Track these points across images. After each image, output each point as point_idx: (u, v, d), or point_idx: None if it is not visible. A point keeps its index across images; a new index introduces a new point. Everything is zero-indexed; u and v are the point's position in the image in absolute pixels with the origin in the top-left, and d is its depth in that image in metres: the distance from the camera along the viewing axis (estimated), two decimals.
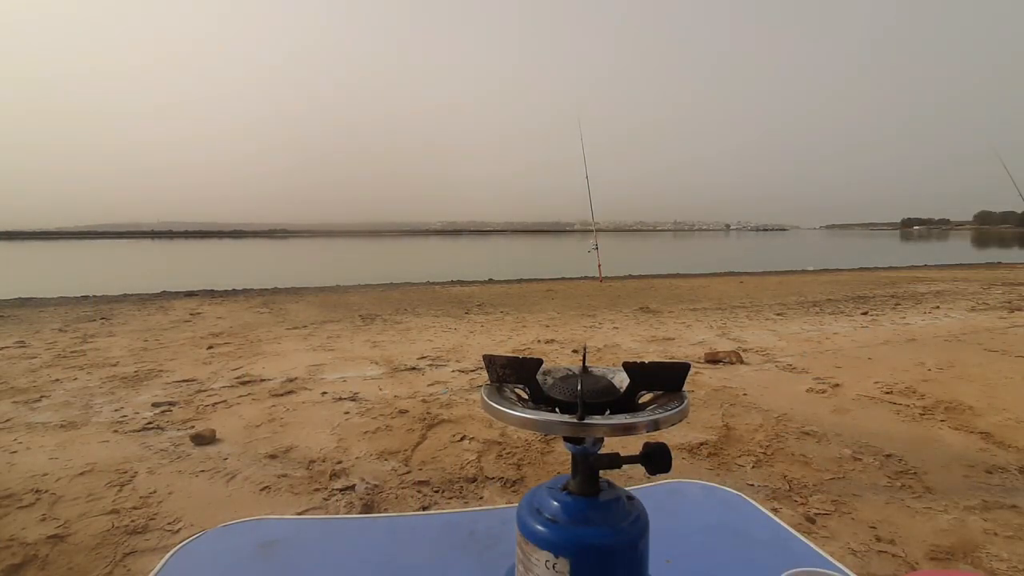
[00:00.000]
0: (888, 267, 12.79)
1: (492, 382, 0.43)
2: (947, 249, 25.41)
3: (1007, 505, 1.76)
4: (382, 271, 12.26)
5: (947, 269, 11.81)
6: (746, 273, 11.50)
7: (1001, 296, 6.65)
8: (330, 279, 10.28)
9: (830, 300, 6.67)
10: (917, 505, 1.78)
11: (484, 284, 9.78)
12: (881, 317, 5.28)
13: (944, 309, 5.71)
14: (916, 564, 1.48)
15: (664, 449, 0.40)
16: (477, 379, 3.22)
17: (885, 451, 2.16)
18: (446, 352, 3.95)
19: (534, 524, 0.39)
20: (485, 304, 6.69)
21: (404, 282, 10.01)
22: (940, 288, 7.75)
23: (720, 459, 2.13)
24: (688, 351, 3.92)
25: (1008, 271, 10.77)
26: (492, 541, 0.61)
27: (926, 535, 1.62)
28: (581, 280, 9.84)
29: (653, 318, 5.46)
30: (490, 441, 2.29)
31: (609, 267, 9.95)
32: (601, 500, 0.40)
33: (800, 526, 1.65)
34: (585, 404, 0.37)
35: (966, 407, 2.63)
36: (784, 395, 2.88)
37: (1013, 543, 1.56)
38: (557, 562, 0.38)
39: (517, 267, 14.15)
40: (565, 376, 0.44)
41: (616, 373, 0.44)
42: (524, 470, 2.05)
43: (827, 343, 4.13)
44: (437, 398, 2.86)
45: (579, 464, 0.42)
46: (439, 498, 1.85)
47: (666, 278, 10.45)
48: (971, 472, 2.00)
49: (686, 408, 0.38)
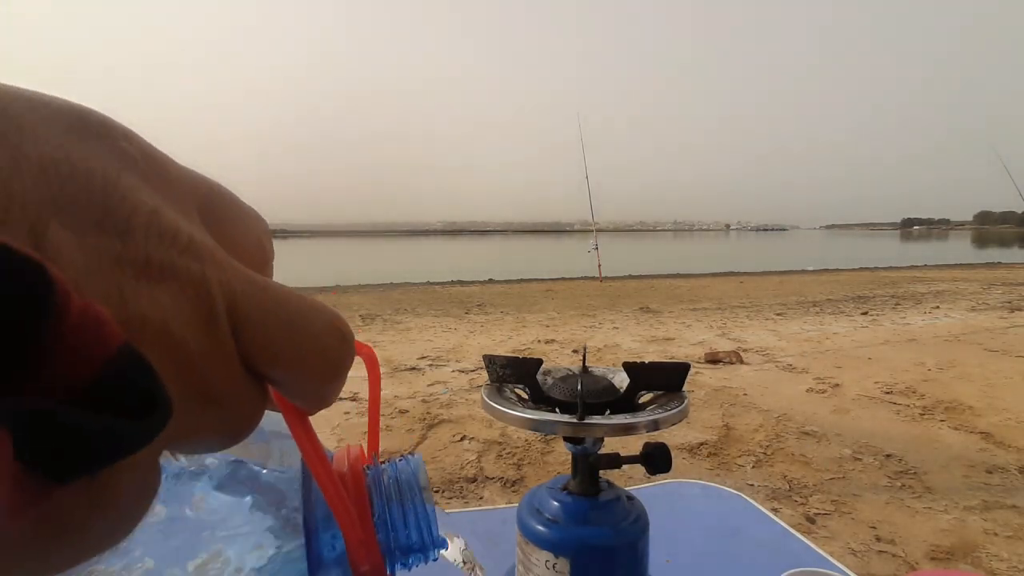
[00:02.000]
0: (888, 267, 12.79)
1: (492, 382, 0.43)
2: (947, 249, 25.44)
3: (1007, 505, 1.76)
4: (382, 271, 12.27)
5: (947, 269, 11.81)
6: (746, 273, 11.50)
7: (1001, 296, 6.65)
8: (330, 279, 10.28)
9: (830, 300, 6.67)
10: (917, 505, 1.78)
11: (484, 284, 9.78)
12: (881, 317, 5.28)
13: (944, 309, 5.71)
14: (916, 564, 1.49)
15: (664, 449, 0.40)
16: (477, 379, 3.22)
17: (885, 451, 2.16)
18: (446, 352, 3.95)
19: (534, 524, 0.39)
20: (485, 304, 6.69)
21: (404, 282, 10.01)
22: (940, 288, 7.75)
23: (720, 459, 2.13)
24: (688, 351, 3.92)
25: (1008, 271, 10.77)
26: (492, 541, 0.61)
27: (926, 535, 1.62)
28: (581, 280, 9.83)
29: (653, 318, 5.46)
30: (490, 441, 2.29)
31: (609, 267, 9.95)
32: (601, 500, 0.40)
33: (800, 526, 1.65)
34: (585, 404, 0.37)
35: (966, 407, 2.63)
36: (784, 395, 2.88)
37: (1013, 543, 1.56)
38: (557, 562, 0.38)
39: (517, 267, 14.15)
40: (565, 376, 0.44)
41: (616, 373, 0.44)
42: (524, 470, 2.05)
43: (827, 343, 4.13)
44: (437, 398, 2.86)
45: (579, 464, 0.42)
46: (439, 498, 1.85)
47: (666, 278, 10.45)
48: (971, 472, 2.00)
49: (686, 408, 0.38)
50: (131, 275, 0.09)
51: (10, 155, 0.09)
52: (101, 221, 0.09)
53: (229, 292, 0.11)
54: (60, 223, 0.09)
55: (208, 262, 0.11)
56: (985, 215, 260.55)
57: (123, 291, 0.09)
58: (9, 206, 0.08)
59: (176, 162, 0.12)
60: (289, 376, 0.12)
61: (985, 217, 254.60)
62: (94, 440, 0.08)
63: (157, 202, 0.10)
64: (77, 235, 0.09)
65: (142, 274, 0.10)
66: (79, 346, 0.08)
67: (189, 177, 0.12)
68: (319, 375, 0.13)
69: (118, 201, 0.10)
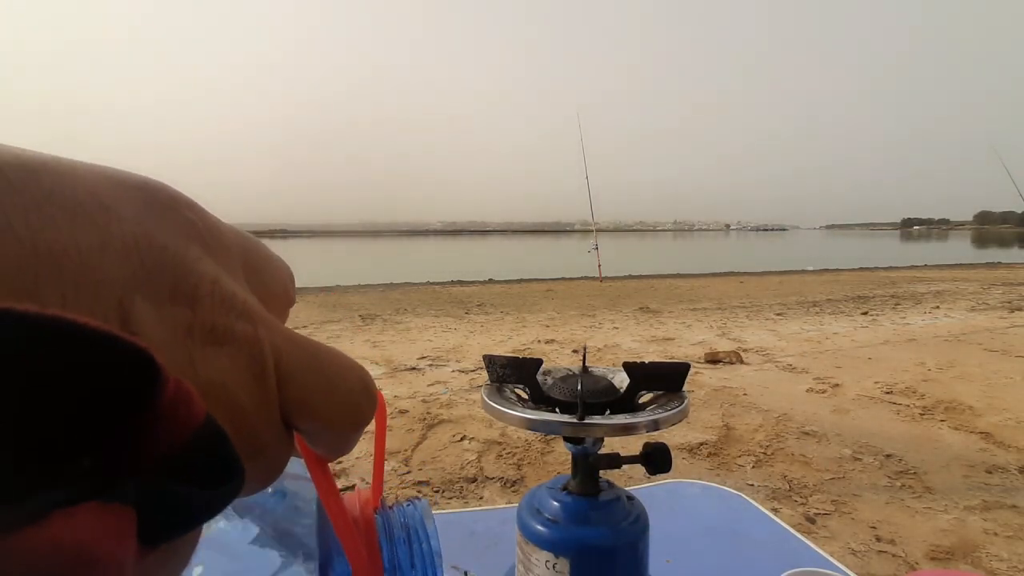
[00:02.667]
0: (888, 267, 12.79)
1: (492, 382, 0.43)
2: (947, 249, 25.43)
3: (1007, 505, 1.76)
4: (382, 271, 12.26)
5: (947, 269, 11.81)
6: (746, 273, 11.50)
7: (1001, 296, 6.65)
8: (330, 279, 10.28)
9: (830, 300, 6.67)
10: (917, 505, 1.78)
11: (484, 284, 9.78)
12: (881, 317, 5.29)
13: (944, 309, 5.71)
14: (916, 564, 1.49)
15: (664, 449, 0.40)
16: (477, 379, 3.22)
17: (885, 451, 2.16)
18: (446, 352, 3.95)
19: (534, 524, 0.39)
20: (485, 304, 6.69)
21: (404, 282, 10.00)
22: (940, 288, 7.75)
23: (720, 459, 2.13)
24: (688, 351, 3.92)
25: (1008, 271, 10.77)
26: (492, 541, 0.61)
27: (926, 535, 1.62)
28: (581, 280, 9.83)
29: (653, 318, 5.46)
30: (490, 441, 2.29)
31: (609, 267, 9.95)
32: (601, 500, 0.40)
33: (800, 526, 1.65)
34: (585, 404, 0.37)
35: (966, 407, 2.63)
36: (784, 395, 2.88)
37: (1013, 543, 1.56)
38: (557, 562, 0.38)
39: (517, 267, 14.14)
40: (565, 376, 0.44)
41: (616, 373, 0.44)
42: (524, 470, 2.05)
43: (827, 343, 4.13)
44: (437, 398, 2.86)
45: (579, 464, 0.42)
46: (439, 498, 1.85)
47: (666, 278, 10.45)
48: (971, 472, 2.00)
49: (686, 408, 0.38)
50: (200, 342, 0.10)
51: (99, 236, 0.10)
52: (174, 293, 0.10)
53: (276, 350, 0.12)
54: (142, 297, 0.10)
55: (260, 323, 0.12)
56: (985, 215, 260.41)
57: (193, 357, 0.10)
58: (101, 282, 0.09)
59: (223, 223, 0.13)
60: (319, 427, 0.13)
61: (985, 217, 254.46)
62: (195, 508, 0.09)
63: (217, 270, 0.11)
64: (156, 307, 0.10)
65: (208, 340, 0.11)
66: (174, 422, 0.09)
67: (234, 237, 0.13)
68: (347, 427, 0.14)
69: (186, 273, 0.11)
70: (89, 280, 0.09)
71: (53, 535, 0.07)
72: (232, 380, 0.11)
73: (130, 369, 0.08)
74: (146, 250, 0.10)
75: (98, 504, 0.07)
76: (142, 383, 0.08)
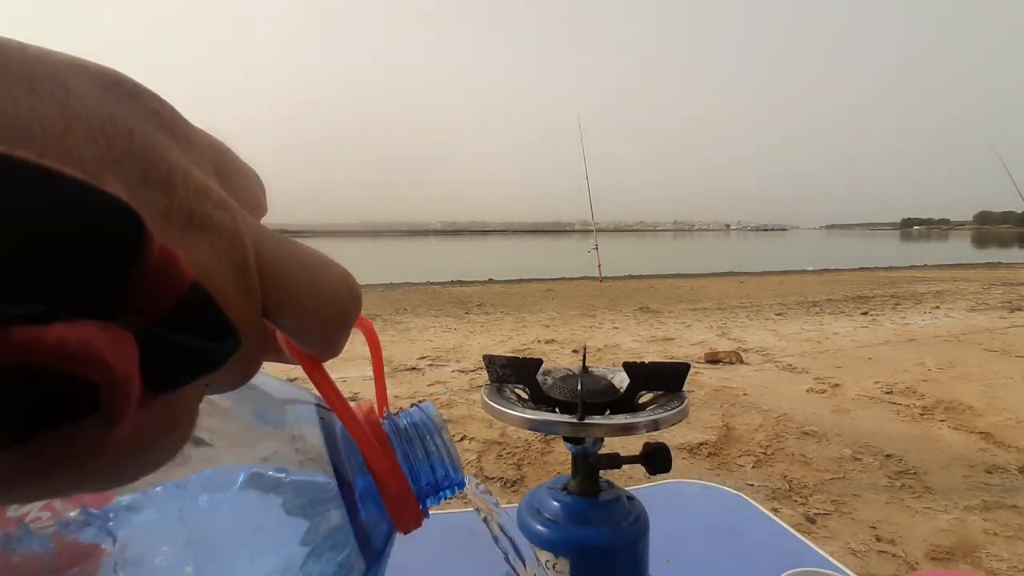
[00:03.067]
0: (888, 267, 12.79)
1: (492, 382, 0.43)
2: (947, 249, 25.42)
3: (1007, 505, 1.76)
4: (382, 271, 12.26)
5: (947, 269, 11.80)
6: (746, 273, 11.50)
7: (1001, 296, 6.65)
8: None
9: (830, 300, 6.67)
10: (917, 505, 1.78)
11: (484, 284, 9.78)
12: (881, 317, 5.28)
13: (944, 309, 5.71)
14: (916, 564, 1.49)
15: (664, 449, 0.40)
16: (477, 379, 3.22)
17: (885, 451, 2.16)
18: (446, 352, 3.95)
19: (534, 524, 0.39)
20: (485, 304, 6.69)
21: (404, 282, 10.00)
22: (940, 288, 7.75)
23: (720, 459, 2.13)
24: (688, 351, 3.92)
25: (1008, 271, 10.77)
26: (492, 541, 0.61)
27: (926, 535, 1.62)
28: (581, 280, 9.83)
29: (653, 318, 5.46)
30: (490, 441, 2.29)
31: (609, 267, 9.95)
32: (601, 500, 0.40)
33: (800, 526, 1.65)
34: (585, 404, 0.38)
35: (966, 407, 2.63)
36: (784, 395, 2.88)
37: (1013, 543, 1.56)
38: (557, 562, 0.38)
39: (517, 267, 14.14)
40: (565, 376, 0.44)
41: (616, 373, 0.44)
42: (524, 470, 2.05)
43: (827, 343, 4.13)
44: (437, 398, 2.86)
45: (579, 464, 0.42)
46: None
47: (666, 278, 10.44)
48: (971, 472, 2.00)
49: (686, 408, 0.38)
50: (178, 227, 0.10)
51: (61, 114, 0.09)
52: (146, 176, 0.10)
53: (256, 242, 0.12)
54: (115, 176, 0.09)
55: (238, 215, 0.11)
56: (985, 215, 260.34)
57: (173, 241, 0.10)
58: (67, 162, 0.09)
59: (192, 123, 0.13)
60: (301, 322, 0.13)
61: (985, 217, 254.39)
62: (192, 358, 0.09)
63: (188, 162, 0.11)
64: (129, 188, 0.10)
65: (187, 226, 0.10)
66: (161, 281, 0.08)
67: (205, 136, 0.13)
68: (330, 322, 0.14)
69: (157, 159, 0.10)
70: (57, 155, 0.09)
71: (57, 332, 0.07)
72: (215, 268, 0.10)
73: (118, 221, 0.08)
74: (112, 134, 0.10)
75: (99, 323, 0.07)
76: (131, 235, 0.08)
